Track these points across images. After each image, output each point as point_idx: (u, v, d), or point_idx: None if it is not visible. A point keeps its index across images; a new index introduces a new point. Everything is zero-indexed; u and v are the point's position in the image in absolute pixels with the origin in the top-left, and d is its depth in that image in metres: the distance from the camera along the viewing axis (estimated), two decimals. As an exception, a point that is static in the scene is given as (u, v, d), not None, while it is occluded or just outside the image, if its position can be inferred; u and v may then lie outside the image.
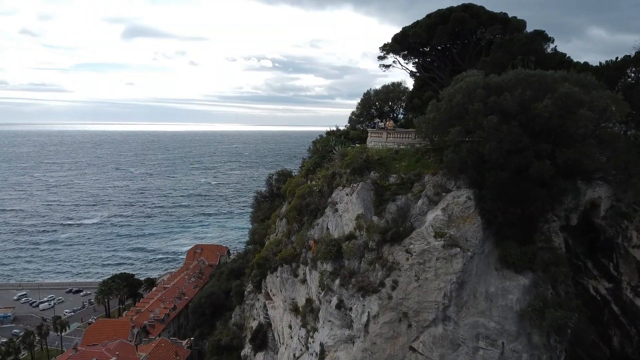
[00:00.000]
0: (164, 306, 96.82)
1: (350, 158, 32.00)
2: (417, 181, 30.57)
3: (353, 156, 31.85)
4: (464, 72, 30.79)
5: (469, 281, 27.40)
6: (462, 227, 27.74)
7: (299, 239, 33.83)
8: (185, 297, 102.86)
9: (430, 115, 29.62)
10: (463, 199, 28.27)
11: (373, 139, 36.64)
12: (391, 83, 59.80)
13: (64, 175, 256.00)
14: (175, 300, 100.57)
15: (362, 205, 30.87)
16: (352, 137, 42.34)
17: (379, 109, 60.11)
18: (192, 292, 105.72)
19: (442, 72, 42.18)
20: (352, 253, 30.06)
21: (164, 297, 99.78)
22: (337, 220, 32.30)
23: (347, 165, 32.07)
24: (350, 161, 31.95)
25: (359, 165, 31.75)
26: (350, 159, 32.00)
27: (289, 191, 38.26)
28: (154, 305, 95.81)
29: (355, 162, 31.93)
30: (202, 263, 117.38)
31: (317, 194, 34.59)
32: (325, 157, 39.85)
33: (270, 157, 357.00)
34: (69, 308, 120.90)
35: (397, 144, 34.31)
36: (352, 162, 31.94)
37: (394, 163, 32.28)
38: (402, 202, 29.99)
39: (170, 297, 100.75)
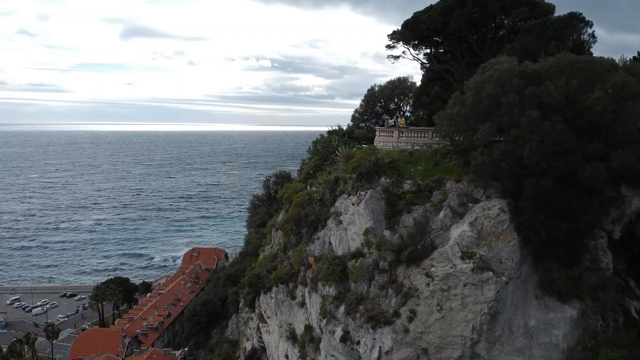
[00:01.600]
0: (158, 313, 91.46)
1: (357, 161, 26.67)
2: (437, 189, 25.25)
3: (360, 159, 26.52)
4: (492, 59, 25.47)
5: (503, 312, 22.11)
6: (494, 246, 22.44)
7: (297, 255, 28.54)
8: (181, 304, 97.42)
9: (453, 110, 24.32)
10: (495, 211, 22.96)
11: (382, 138, 31.33)
12: (397, 78, 54.60)
13: (61, 176, 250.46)
14: (170, 307, 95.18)
15: (371, 217, 25.57)
16: (356, 136, 37.07)
17: (384, 106, 54.87)
18: (188, 297, 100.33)
19: (459, 63, 36.94)
20: (359, 274, 24.75)
21: (158, 303, 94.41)
22: (341, 234, 27.00)
23: (353, 169, 26.74)
24: (357, 164, 26.63)
25: (367, 169, 26.43)
26: (357, 162, 26.67)
27: (286, 198, 32.98)
28: (148, 312, 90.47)
29: (362, 166, 26.61)
30: (199, 267, 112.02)
31: (317, 203, 29.29)
32: (327, 159, 34.56)
33: (271, 157, 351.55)
34: (62, 313, 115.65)
35: (411, 145, 29.00)
36: (358, 165, 26.62)
37: (408, 167, 26.96)
38: (419, 214, 24.67)
39: (165, 304, 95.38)
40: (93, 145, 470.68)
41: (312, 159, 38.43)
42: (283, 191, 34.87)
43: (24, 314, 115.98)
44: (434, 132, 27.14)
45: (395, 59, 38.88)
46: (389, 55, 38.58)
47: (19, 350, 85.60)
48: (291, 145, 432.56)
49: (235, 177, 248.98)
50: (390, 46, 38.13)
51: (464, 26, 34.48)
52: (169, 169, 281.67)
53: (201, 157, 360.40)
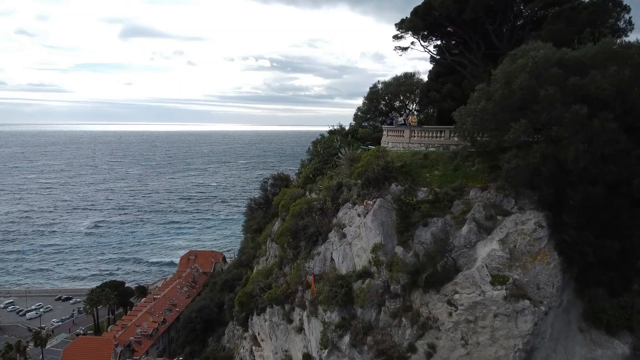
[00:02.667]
0: (152, 319, 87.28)
1: (363, 165, 22.65)
2: (458, 198, 21.24)
3: (366, 162, 22.50)
4: (523, 46, 21.42)
5: (540, 348, 18.11)
6: (530, 269, 18.44)
7: (294, 272, 24.52)
8: (177, 309, 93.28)
9: (477, 106, 20.31)
10: (530, 226, 18.94)
11: (391, 139, 27.31)
12: (403, 74, 50.55)
13: (58, 177, 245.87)
14: (166, 313, 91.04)
15: (381, 231, 21.55)
16: (361, 136, 33.07)
17: (389, 104, 50.84)
18: (184, 302, 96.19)
19: (474, 55, 32.96)
20: (367, 299, 20.76)
21: (153, 309, 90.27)
22: (345, 249, 23.00)
23: (359, 174, 22.71)
24: (363, 169, 22.62)
25: (375, 174, 22.41)
26: (363, 166, 22.66)
27: (282, 205, 28.98)
28: (142, 318, 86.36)
29: (369, 171, 22.59)
30: (196, 271, 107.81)
31: (317, 213, 25.29)
32: (328, 162, 30.56)
33: (271, 157, 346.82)
34: (57, 317, 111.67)
35: (425, 146, 24.96)
36: (365, 170, 22.61)
37: (422, 172, 22.94)
38: (438, 228, 20.66)
39: (160, 309, 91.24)
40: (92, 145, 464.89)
41: (311, 161, 34.42)
42: (279, 197, 30.87)
43: (17, 318, 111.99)
44: (453, 131, 23.09)
45: (403, 51, 34.94)
46: (396, 46, 34.63)
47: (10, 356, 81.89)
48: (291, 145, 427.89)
49: (234, 178, 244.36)
50: (397, 36, 34.17)
51: (481, 13, 30.49)
52: (167, 170, 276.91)
53: (200, 158, 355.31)
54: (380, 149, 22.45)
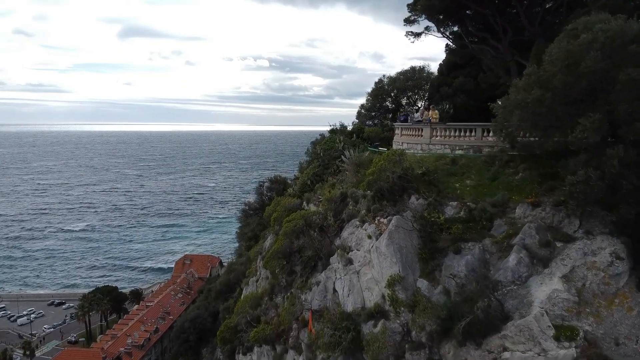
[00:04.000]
0: (144, 329, 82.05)
1: (375, 171, 17.43)
2: (501, 216, 16.08)
3: (380, 168, 17.27)
4: (584, 18, 16.24)
5: None
6: (606, 317, 13.29)
7: (288, 306, 19.35)
8: (170, 317, 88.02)
9: (528, 96, 15.15)
10: (605, 258, 13.80)
11: (405, 139, 22.15)
12: (411, 67, 45.56)
13: (55, 178, 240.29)
14: (158, 321, 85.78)
15: (399, 259, 16.40)
16: (367, 136, 27.88)
17: (395, 100, 45.75)
18: (178, 309, 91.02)
19: (500, 42, 27.83)
20: (381, 349, 15.62)
21: (146, 317, 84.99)
22: (351, 280, 17.84)
23: (369, 184, 17.49)
24: (375, 177, 17.41)
25: (390, 184, 17.22)
26: (375, 173, 17.44)
27: (275, 218, 23.82)
28: (133, 328, 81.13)
29: (383, 179, 17.40)
30: (191, 276, 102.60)
31: (316, 231, 20.09)
32: (329, 166, 25.36)
33: (270, 158, 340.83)
34: (49, 323, 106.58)
35: (451, 147, 19.80)
36: (377, 178, 17.40)
37: (450, 181, 17.78)
38: (474, 257, 15.52)
39: (153, 318, 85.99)
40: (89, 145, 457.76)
41: (310, 165, 29.23)
42: (272, 208, 25.72)
43: (8, 324, 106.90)
44: (492, 130, 17.87)
45: (415, 37, 29.76)
46: (408, 32, 29.48)
47: (0, 363, 77.31)
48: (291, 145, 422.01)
49: (233, 179, 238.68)
50: (410, 20, 29.02)
51: (509, -10, 25.43)
52: (165, 170, 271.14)
53: (199, 158, 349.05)
54: (397, 152, 17.21)
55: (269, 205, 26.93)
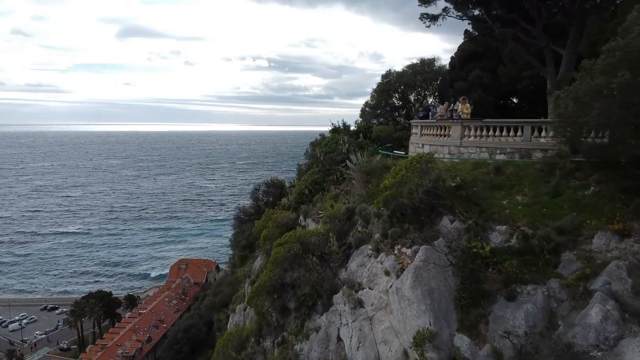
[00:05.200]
0: (136, 338, 77.44)
1: (395, 184, 12.70)
2: (571, 247, 11.42)
3: (400, 181, 12.54)
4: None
5: None
6: None
7: (278, 358, 14.69)
8: (164, 325, 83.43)
9: (613, 80, 10.54)
10: None
11: (428, 139, 17.52)
12: (420, 60, 40.96)
13: (52, 179, 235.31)
14: (151, 330, 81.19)
15: (429, 305, 11.73)
16: (377, 136, 23.20)
17: (403, 97, 41.17)
18: (172, 317, 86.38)
19: (533, 24, 23.19)
20: None
21: (138, 325, 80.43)
22: (362, 328, 13.16)
23: (387, 201, 12.77)
24: (394, 191, 12.69)
25: (415, 201, 12.53)
26: (394, 185, 12.71)
27: (265, 237, 19.14)
28: (124, 337, 76.54)
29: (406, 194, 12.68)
30: (187, 281, 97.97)
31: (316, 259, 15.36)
32: (331, 173, 20.67)
33: (270, 158, 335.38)
34: (41, 329, 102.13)
35: (489, 151, 15.16)
36: (397, 193, 12.68)
37: (495, 197, 13.10)
38: (536, 306, 10.88)
39: (146, 326, 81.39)
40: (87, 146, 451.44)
41: (308, 170, 24.56)
42: (262, 222, 21.10)
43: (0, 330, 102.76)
44: (553, 128, 13.20)
45: (432, 21, 25.01)
46: (423, 14, 24.71)
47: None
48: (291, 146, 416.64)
49: (233, 180, 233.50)
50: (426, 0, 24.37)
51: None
52: (163, 171, 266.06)
53: (198, 158, 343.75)
54: (424, 157, 12.48)
55: (259, 219, 22.34)
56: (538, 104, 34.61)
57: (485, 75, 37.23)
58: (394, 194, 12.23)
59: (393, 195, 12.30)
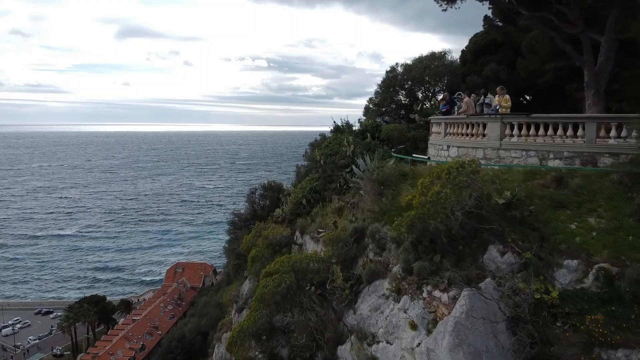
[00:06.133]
0: (129, 346, 73.94)
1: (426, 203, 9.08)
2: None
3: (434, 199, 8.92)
4: None
5: None
6: None
7: None
8: (158, 332, 79.96)
9: None
10: None
11: (454, 140, 13.96)
12: (430, 53, 37.44)
13: (49, 180, 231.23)
14: (145, 337, 77.71)
15: (473, 374, 8.22)
16: (387, 136, 19.60)
17: (410, 93, 37.62)
18: (167, 323, 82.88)
19: (569, 6, 19.64)
20: None
21: (131, 333, 76.94)
22: (377, 395, 9.63)
23: (412, 225, 9.21)
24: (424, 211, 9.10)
25: (453, 225, 8.93)
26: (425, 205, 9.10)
27: (253, 258, 15.59)
28: (117, 345, 72.96)
29: (439, 217, 9.06)
30: (183, 286, 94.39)
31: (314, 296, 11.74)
32: (334, 180, 17.09)
33: (270, 158, 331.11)
34: (34, 334, 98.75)
35: (540, 156, 11.57)
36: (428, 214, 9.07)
37: (560, 218, 9.50)
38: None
39: (140, 333, 77.84)
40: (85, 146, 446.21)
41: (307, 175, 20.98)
42: (251, 238, 17.57)
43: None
44: (632, 127, 9.65)
45: (449, 4, 21.44)
46: (439, -6, 21.25)
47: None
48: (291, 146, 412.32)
49: (232, 180, 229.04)
50: (443, -22, 20.92)
51: None
52: (162, 172, 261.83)
53: (197, 159, 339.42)
54: (465, 166, 8.81)
55: (248, 235, 18.82)
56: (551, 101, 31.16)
57: (501, 70, 33.70)
58: (423, 214, 8.69)
59: (422, 216, 8.76)
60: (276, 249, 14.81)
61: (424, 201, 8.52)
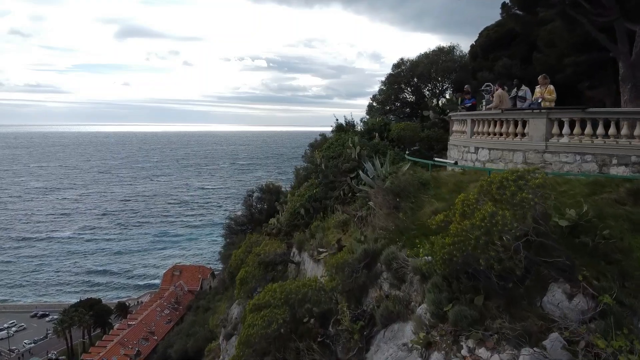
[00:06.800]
0: (124, 352, 71.61)
1: (475, 227, 6.56)
2: None
3: (486, 224, 6.38)
4: None
5: None
6: None
7: None
8: (155, 338, 77.55)
9: None
10: None
11: (483, 140, 11.42)
12: (437, 47, 35.01)
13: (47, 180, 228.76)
14: (141, 343, 75.31)
15: None
16: (397, 135, 17.07)
17: (416, 90, 35.24)
18: (164, 328, 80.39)
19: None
20: None
21: (126, 338, 74.48)
22: None
23: (449, 259, 6.73)
24: (459, 241, 6.61)
25: (504, 258, 6.43)
26: (468, 230, 6.60)
27: (241, 280, 13.07)
28: (111, 351, 70.57)
29: (482, 247, 6.56)
30: (180, 289, 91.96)
31: (314, 342, 9.21)
32: (337, 186, 14.58)
33: (271, 159, 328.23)
34: (30, 337, 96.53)
35: (598, 161, 9.09)
36: (466, 244, 6.57)
37: None
38: None
39: (135, 339, 75.36)
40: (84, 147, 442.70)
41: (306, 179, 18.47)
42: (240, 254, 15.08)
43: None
44: None
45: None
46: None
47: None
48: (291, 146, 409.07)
49: (232, 181, 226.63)
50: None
51: None
52: (161, 172, 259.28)
53: (197, 159, 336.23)
54: (530, 178, 6.40)
55: (237, 249, 16.32)
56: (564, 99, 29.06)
57: (515, 65, 31.33)
58: (467, 244, 6.22)
59: (464, 247, 6.29)
60: (268, 269, 12.34)
61: (468, 227, 6.03)
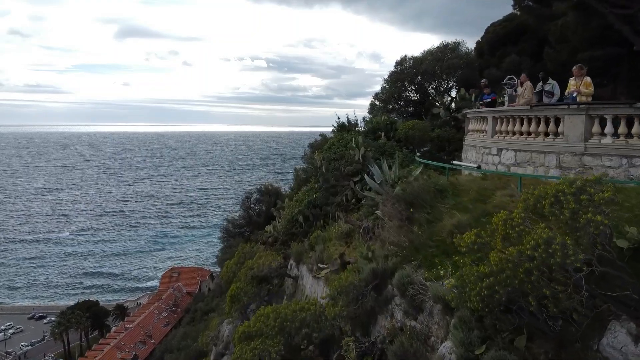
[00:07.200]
0: (120, 356, 70.25)
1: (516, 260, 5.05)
2: None
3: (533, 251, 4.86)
4: None
5: None
6: None
7: None
8: (152, 341, 76.06)
9: None
10: None
11: (508, 141, 9.95)
12: (442, 43, 33.62)
13: (45, 181, 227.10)
14: (138, 347, 73.78)
15: None
16: (405, 135, 15.61)
17: (420, 88, 33.82)
18: (162, 331, 78.89)
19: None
20: None
21: (123, 342, 73.00)
22: None
23: (489, 296, 5.25)
24: (510, 272, 5.14)
25: (556, 294, 4.98)
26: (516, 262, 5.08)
27: (232, 296, 11.60)
28: (108, 355, 69.17)
29: (543, 281, 5.10)
30: (178, 291, 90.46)
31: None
32: (339, 191, 13.11)
33: (271, 159, 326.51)
34: (27, 340, 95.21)
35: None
36: (525, 276, 5.11)
37: None
38: None
39: (132, 342, 73.90)
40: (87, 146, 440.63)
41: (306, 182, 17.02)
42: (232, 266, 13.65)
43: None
44: None
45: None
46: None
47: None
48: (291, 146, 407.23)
49: (232, 181, 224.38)
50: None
51: None
52: (160, 172, 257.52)
53: (197, 159, 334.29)
54: (594, 191, 5.07)
55: (229, 261, 14.89)
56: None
57: (524, 61, 29.88)
58: (513, 278, 4.78)
59: (506, 280, 4.85)
60: (262, 285, 10.92)
61: (515, 255, 4.59)
